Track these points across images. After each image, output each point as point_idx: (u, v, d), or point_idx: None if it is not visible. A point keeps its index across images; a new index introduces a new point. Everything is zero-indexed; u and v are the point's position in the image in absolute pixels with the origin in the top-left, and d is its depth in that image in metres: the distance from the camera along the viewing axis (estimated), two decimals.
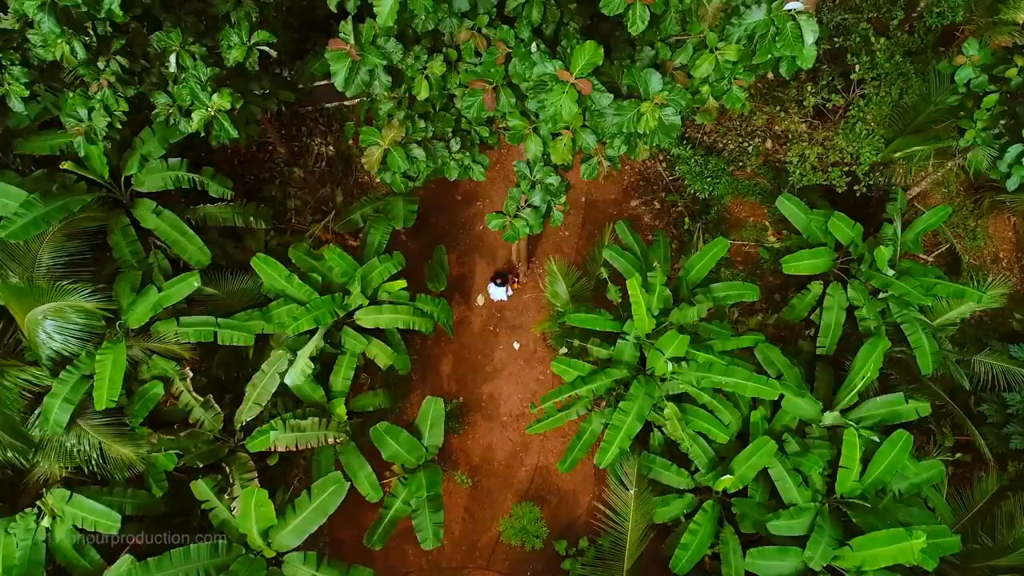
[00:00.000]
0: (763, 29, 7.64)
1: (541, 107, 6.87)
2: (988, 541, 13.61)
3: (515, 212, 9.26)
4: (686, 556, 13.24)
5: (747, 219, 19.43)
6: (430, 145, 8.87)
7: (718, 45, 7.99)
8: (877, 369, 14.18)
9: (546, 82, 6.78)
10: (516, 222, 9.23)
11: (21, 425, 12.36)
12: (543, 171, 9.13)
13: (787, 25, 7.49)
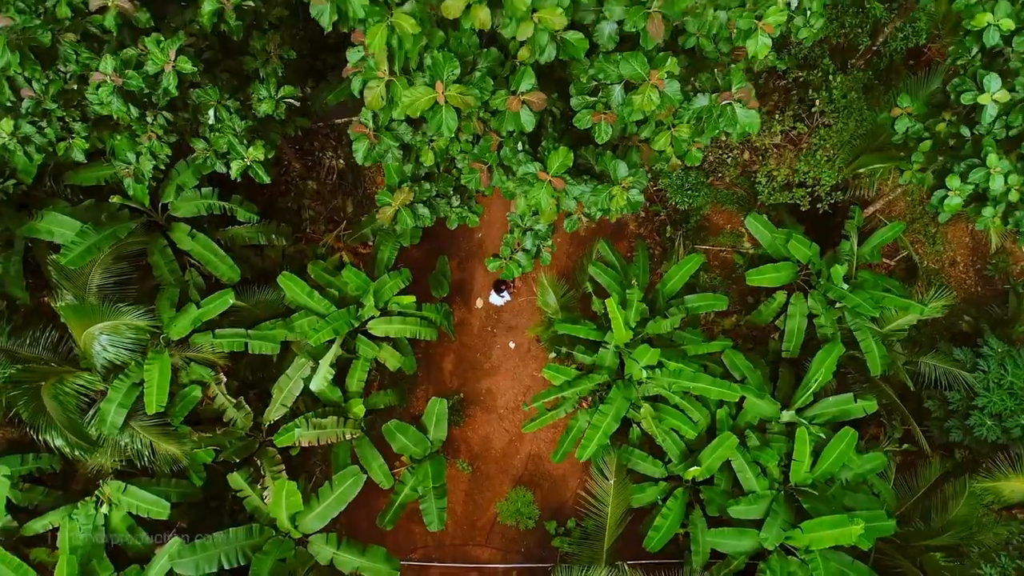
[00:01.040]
0: (707, 113, 9.32)
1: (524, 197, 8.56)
2: (922, 526, 15.55)
3: (510, 255, 10.98)
4: (657, 536, 15.24)
5: (725, 226, 21.09)
6: (434, 202, 10.52)
7: (674, 123, 9.66)
8: (830, 373, 16.02)
9: (528, 179, 8.48)
10: (511, 264, 10.96)
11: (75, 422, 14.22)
12: (532, 220, 10.84)
13: (727, 109, 9.17)
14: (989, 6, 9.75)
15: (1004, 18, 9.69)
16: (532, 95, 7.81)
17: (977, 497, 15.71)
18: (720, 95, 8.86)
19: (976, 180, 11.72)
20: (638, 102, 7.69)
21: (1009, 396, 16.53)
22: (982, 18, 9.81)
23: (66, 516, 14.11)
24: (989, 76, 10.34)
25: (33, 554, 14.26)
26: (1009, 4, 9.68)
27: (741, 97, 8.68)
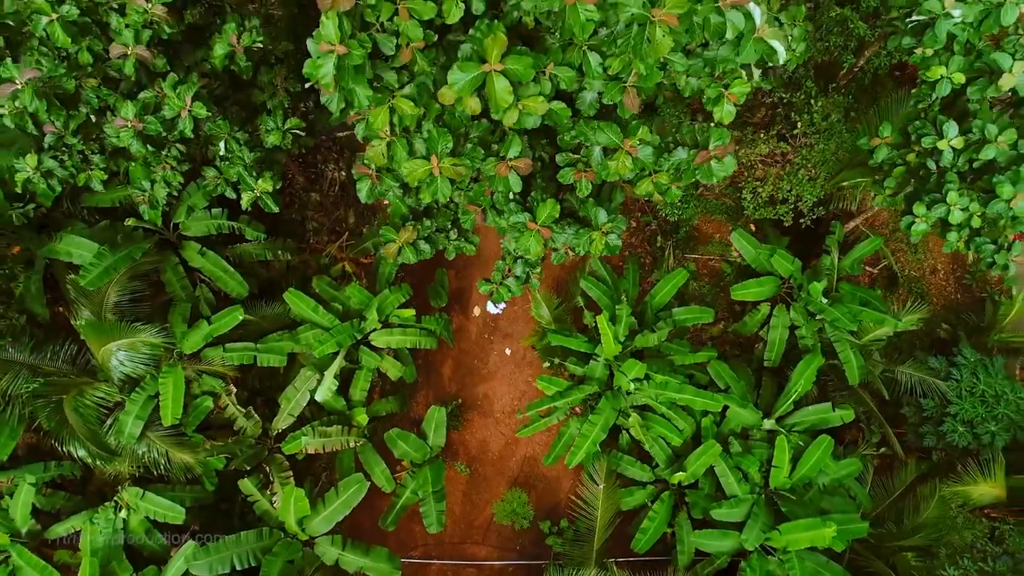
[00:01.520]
0: (686, 165, 10.08)
1: (515, 241, 9.34)
2: (894, 528, 16.46)
3: (500, 280, 11.78)
4: (645, 538, 16.16)
5: (714, 235, 21.88)
6: (434, 236, 11.29)
7: (655, 169, 10.43)
8: (810, 383, 16.87)
9: (518, 227, 9.25)
10: (501, 289, 11.76)
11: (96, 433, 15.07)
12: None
13: (705, 164, 9.93)
14: (944, 59, 10.48)
15: (956, 72, 10.41)
16: (519, 161, 8.56)
17: (947, 501, 16.60)
18: (699, 152, 9.62)
19: (939, 214, 12.49)
20: (614, 167, 8.45)
21: (980, 404, 17.39)
22: (936, 71, 10.53)
23: (87, 520, 15.00)
24: (948, 124, 11.09)
25: (57, 556, 15.16)
26: (962, 58, 10.40)
27: (717, 154, 9.44)
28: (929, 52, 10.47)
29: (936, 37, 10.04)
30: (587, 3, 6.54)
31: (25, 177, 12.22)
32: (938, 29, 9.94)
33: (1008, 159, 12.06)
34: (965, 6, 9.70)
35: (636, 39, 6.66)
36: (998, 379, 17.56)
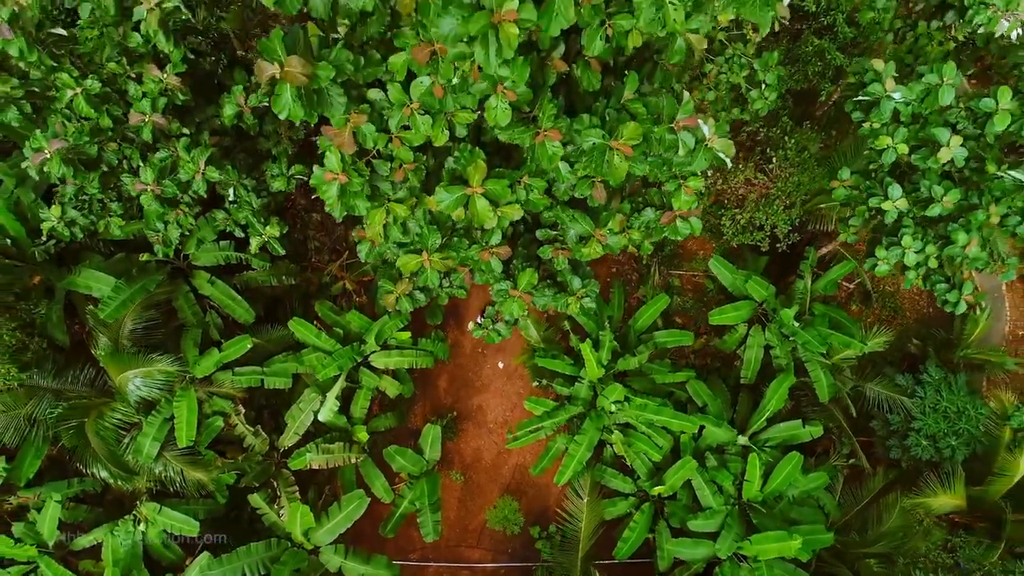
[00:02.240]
0: (655, 223, 11.12)
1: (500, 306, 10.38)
2: (856, 537, 17.68)
3: (491, 325, 12.84)
4: (626, 547, 17.41)
5: (698, 252, 22.91)
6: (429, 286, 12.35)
7: (628, 226, 11.45)
8: (783, 401, 18.00)
9: (502, 294, 10.27)
10: (491, 333, 12.84)
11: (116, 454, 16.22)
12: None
13: (684, 206, 10.97)
14: (891, 130, 11.45)
15: (900, 143, 11.39)
16: (500, 248, 9.56)
17: (908, 511, 17.79)
18: (665, 212, 10.65)
19: (896, 256, 13.54)
20: (587, 252, 9.46)
21: (943, 419, 18.53)
22: (883, 140, 11.51)
23: (109, 532, 16.20)
24: (892, 186, 12.09)
25: (81, 565, 16.37)
26: (906, 130, 11.36)
27: (682, 215, 10.47)
28: (877, 125, 11.44)
29: (881, 114, 11.00)
30: (553, 140, 7.50)
31: (50, 226, 13.21)
32: (883, 108, 10.91)
33: (959, 208, 13.09)
34: (905, 88, 10.66)
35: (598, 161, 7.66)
36: (960, 396, 18.68)
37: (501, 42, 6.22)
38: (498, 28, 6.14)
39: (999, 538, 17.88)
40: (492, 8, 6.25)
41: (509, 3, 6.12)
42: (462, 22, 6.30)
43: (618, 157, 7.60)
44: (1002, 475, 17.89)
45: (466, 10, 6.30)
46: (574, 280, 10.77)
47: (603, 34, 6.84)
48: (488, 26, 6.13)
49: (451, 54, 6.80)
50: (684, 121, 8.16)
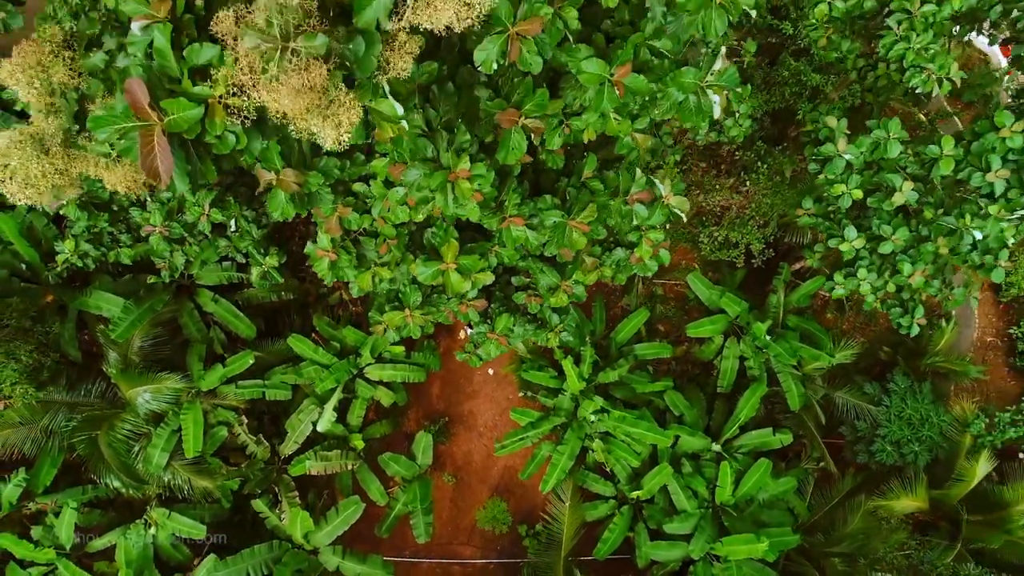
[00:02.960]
0: (625, 260, 12.10)
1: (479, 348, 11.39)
2: (822, 538, 18.85)
3: (473, 350, 13.87)
4: (605, 547, 18.60)
5: (680, 262, 23.87)
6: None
7: (601, 263, 12.44)
8: (755, 409, 19.08)
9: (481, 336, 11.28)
10: (473, 358, 13.86)
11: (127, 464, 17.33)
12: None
13: (644, 257, 11.96)
14: (844, 177, 12.39)
15: (855, 189, 12.34)
16: (477, 302, 10.54)
17: (871, 513, 18.94)
18: (632, 253, 11.63)
19: (852, 285, 14.55)
20: (555, 300, 10.45)
21: (907, 426, 19.63)
22: (838, 188, 12.46)
23: (121, 535, 17.36)
24: (848, 228, 13.06)
25: (96, 566, 17.55)
26: (859, 177, 12.31)
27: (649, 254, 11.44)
28: (832, 176, 12.39)
29: (835, 169, 11.96)
30: (518, 225, 8.46)
31: (65, 258, 14.19)
32: (836, 164, 11.87)
33: (912, 239, 14.07)
34: (854, 147, 11.60)
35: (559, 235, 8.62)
36: (924, 403, 19.78)
37: (457, 194, 7.22)
38: (455, 183, 7.20)
39: (957, 538, 19.09)
40: (449, 167, 7.21)
41: (463, 164, 7.12)
42: (424, 176, 7.27)
43: (576, 233, 8.58)
44: (960, 480, 19.03)
45: (428, 167, 7.27)
46: (552, 317, 11.83)
47: (561, 132, 7.80)
48: (446, 181, 7.17)
49: (417, 199, 7.81)
50: (637, 195, 9.12)
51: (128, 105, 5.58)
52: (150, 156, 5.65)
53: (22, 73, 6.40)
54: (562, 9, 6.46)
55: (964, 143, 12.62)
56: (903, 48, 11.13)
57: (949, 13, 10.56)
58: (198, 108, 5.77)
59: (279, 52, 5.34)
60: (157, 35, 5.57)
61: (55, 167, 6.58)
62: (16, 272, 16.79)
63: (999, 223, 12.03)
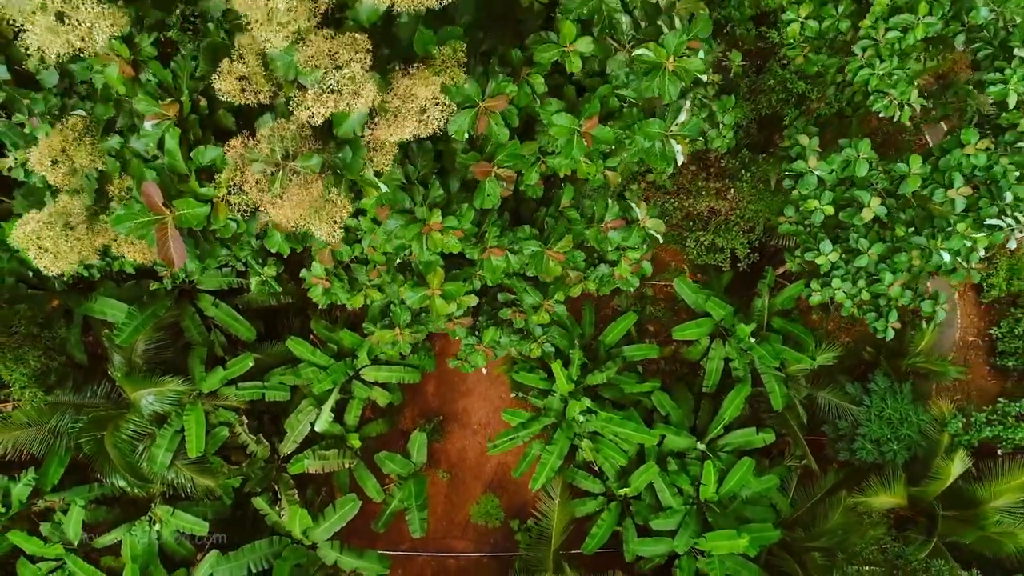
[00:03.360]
0: (608, 275, 12.69)
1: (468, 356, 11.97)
2: (802, 533, 19.54)
3: (465, 357, 14.48)
4: (593, 542, 19.30)
5: (670, 263, 24.44)
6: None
7: (585, 277, 13.02)
8: (739, 410, 19.72)
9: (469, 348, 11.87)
10: (465, 365, 14.47)
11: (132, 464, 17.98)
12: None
13: (625, 275, 12.55)
14: (817, 194, 12.93)
15: (827, 205, 12.88)
16: (463, 319, 11.11)
17: (851, 509, 19.61)
18: (614, 270, 12.22)
19: (828, 294, 15.12)
20: (537, 319, 11.02)
21: (887, 426, 20.27)
22: (811, 204, 13.01)
23: (127, 532, 18.05)
24: (824, 242, 13.62)
25: (103, 561, 18.24)
26: (831, 193, 12.85)
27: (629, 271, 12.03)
28: (805, 191, 12.93)
29: (807, 185, 12.50)
30: (497, 255, 9.01)
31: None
32: (807, 180, 12.41)
33: (887, 250, 14.63)
34: (825, 164, 12.13)
35: (537, 263, 9.18)
36: (904, 403, 20.41)
37: (430, 244, 7.80)
38: (428, 235, 7.84)
39: (934, 533, 19.77)
40: (424, 219, 7.78)
41: (435, 217, 7.72)
42: (401, 227, 7.83)
43: (552, 261, 9.16)
44: (936, 478, 19.67)
45: (405, 218, 7.85)
46: (536, 329, 12.42)
47: (538, 168, 8.34)
48: (420, 233, 7.79)
49: (395, 246, 8.40)
50: (611, 223, 9.69)
51: (145, 205, 6.28)
52: (165, 245, 6.42)
53: (49, 159, 7.07)
54: (530, 76, 7.01)
55: (932, 159, 13.16)
56: (867, 74, 11.63)
57: (913, 41, 11.05)
58: (205, 207, 6.51)
59: (281, 172, 6.02)
60: (168, 138, 6.32)
61: (81, 242, 7.30)
62: (23, 279, 17.37)
63: (964, 240, 12.57)
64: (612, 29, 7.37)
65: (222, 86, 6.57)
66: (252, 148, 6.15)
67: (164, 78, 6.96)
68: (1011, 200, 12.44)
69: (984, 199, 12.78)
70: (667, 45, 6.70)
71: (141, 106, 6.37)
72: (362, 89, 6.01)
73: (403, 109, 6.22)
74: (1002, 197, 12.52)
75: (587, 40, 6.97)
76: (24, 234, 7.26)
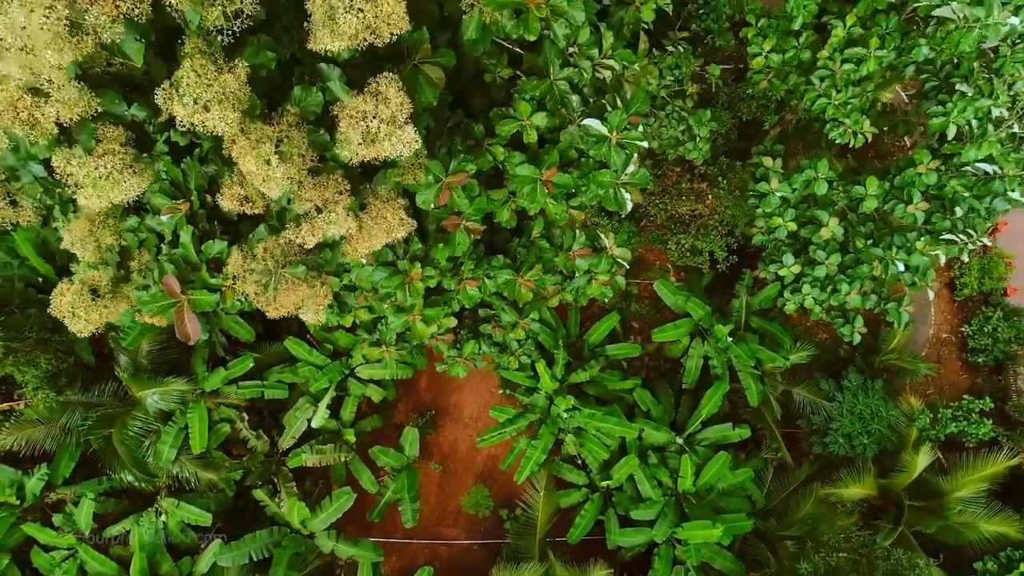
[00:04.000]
0: (583, 288, 13.58)
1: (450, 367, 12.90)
2: (774, 522, 20.59)
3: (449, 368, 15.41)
4: (577, 532, 20.35)
5: (655, 262, 25.32)
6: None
7: (562, 288, 13.92)
8: (716, 406, 20.69)
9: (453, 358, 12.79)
10: (451, 370, 15.42)
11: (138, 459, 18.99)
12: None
13: (599, 287, 13.43)
14: (781, 211, 13.78)
15: (789, 222, 13.74)
16: (445, 336, 12.01)
17: (822, 500, 20.65)
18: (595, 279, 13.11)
19: (798, 301, 16.02)
20: (513, 335, 11.93)
21: (859, 420, 21.25)
22: (775, 221, 13.87)
23: (135, 523, 19.09)
24: (787, 255, 14.49)
25: (112, 550, 19.30)
26: (793, 211, 13.70)
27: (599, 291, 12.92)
28: (768, 209, 13.79)
29: (769, 205, 13.35)
30: (472, 286, 9.88)
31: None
32: (771, 199, 13.26)
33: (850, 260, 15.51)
34: (787, 186, 12.97)
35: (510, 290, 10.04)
36: (875, 399, 21.38)
37: (411, 292, 8.69)
38: (410, 284, 8.76)
39: (901, 522, 20.82)
40: (405, 271, 8.66)
41: (415, 269, 8.58)
42: (386, 279, 8.72)
43: (524, 288, 10.02)
44: (903, 471, 20.68)
45: (388, 270, 8.73)
46: (513, 343, 13.33)
47: (509, 207, 9.20)
48: (402, 283, 8.70)
49: (382, 293, 9.30)
50: (579, 252, 10.56)
51: (166, 292, 7.46)
52: (182, 324, 7.71)
53: (79, 238, 8.21)
54: (491, 146, 7.87)
55: (891, 176, 14.01)
56: (824, 103, 12.43)
57: (866, 72, 11.83)
58: (215, 295, 7.71)
59: (274, 279, 7.19)
60: (183, 234, 7.48)
61: (108, 309, 8.45)
62: (32, 284, 18.27)
63: (922, 256, 13.43)
64: (564, 105, 8.20)
65: (224, 204, 7.74)
66: (250, 261, 7.21)
67: (175, 176, 8.04)
68: (962, 215, 13.31)
69: (937, 215, 13.64)
70: (610, 122, 7.58)
71: (156, 201, 7.26)
72: (342, 221, 7.16)
73: (375, 228, 7.26)
74: (953, 212, 13.39)
75: (542, 115, 7.86)
76: (61, 305, 8.39)
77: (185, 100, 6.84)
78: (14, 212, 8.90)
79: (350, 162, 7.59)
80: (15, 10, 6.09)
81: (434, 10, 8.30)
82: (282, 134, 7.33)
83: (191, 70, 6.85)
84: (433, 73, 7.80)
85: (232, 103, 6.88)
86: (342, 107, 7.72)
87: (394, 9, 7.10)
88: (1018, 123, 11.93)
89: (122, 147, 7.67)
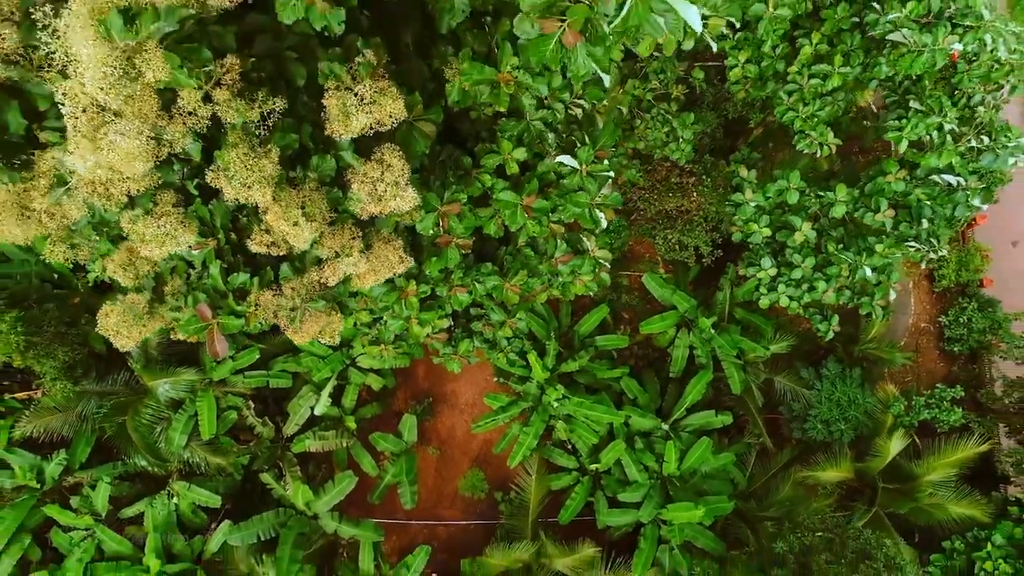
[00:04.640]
0: (570, 281, 14.50)
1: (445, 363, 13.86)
2: (754, 504, 21.70)
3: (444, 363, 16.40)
4: (567, 513, 21.45)
5: (645, 255, 26.24)
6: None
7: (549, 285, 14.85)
8: (700, 394, 21.71)
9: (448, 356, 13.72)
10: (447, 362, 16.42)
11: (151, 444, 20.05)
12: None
13: (582, 286, 14.36)
14: (756, 218, 14.67)
15: (764, 228, 14.65)
16: (440, 335, 12.99)
17: (800, 483, 21.75)
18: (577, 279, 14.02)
19: (773, 299, 16.95)
20: (502, 334, 12.86)
21: (836, 407, 22.29)
22: (751, 227, 14.76)
23: (149, 504, 20.18)
24: (765, 258, 15.40)
25: (128, 530, 20.41)
26: (769, 217, 14.59)
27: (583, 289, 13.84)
28: (744, 217, 14.67)
29: (744, 214, 14.25)
30: (462, 293, 10.82)
31: (95, 276, 16.57)
32: (745, 209, 14.16)
33: (823, 261, 16.43)
34: (761, 195, 13.86)
35: (498, 294, 10.96)
36: (852, 387, 22.41)
37: (407, 306, 9.61)
38: (406, 299, 9.72)
39: (875, 504, 21.95)
40: (401, 287, 9.60)
41: (411, 286, 9.53)
42: (384, 295, 9.65)
43: (511, 292, 10.94)
44: (877, 455, 21.76)
45: (387, 286, 9.64)
46: (502, 341, 14.28)
47: (496, 221, 10.09)
48: (398, 298, 9.65)
49: (379, 308, 10.24)
50: (561, 258, 11.46)
51: (199, 317, 8.60)
52: (212, 343, 8.95)
53: (121, 267, 9.36)
54: (479, 175, 8.79)
55: (861, 184, 14.89)
56: (792, 116, 13.28)
57: (831, 87, 12.66)
58: (240, 320, 8.79)
59: (300, 312, 8.27)
60: (212, 268, 8.60)
61: (146, 327, 9.62)
62: (48, 279, 19.22)
63: (884, 259, 14.35)
64: (541, 140, 9.14)
65: (253, 247, 8.94)
66: (279, 298, 8.45)
67: (203, 215, 9.24)
68: (927, 226, 14.21)
69: (904, 224, 14.53)
70: (580, 158, 8.65)
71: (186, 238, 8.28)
72: (358, 263, 8.35)
73: (379, 265, 8.44)
74: (920, 222, 14.28)
75: (521, 150, 9.00)
76: (108, 325, 9.60)
77: (234, 183, 8.04)
78: (73, 252, 10.39)
79: (360, 215, 8.79)
80: (113, 136, 7.53)
81: (424, 69, 9.50)
82: (305, 198, 8.56)
83: (237, 159, 8.04)
84: (426, 128, 9.09)
85: (268, 181, 8.05)
86: (354, 173, 8.98)
87: (397, 107, 8.44)
88: (975, 137, 12.78)
89: (174, 207, 8.92)
